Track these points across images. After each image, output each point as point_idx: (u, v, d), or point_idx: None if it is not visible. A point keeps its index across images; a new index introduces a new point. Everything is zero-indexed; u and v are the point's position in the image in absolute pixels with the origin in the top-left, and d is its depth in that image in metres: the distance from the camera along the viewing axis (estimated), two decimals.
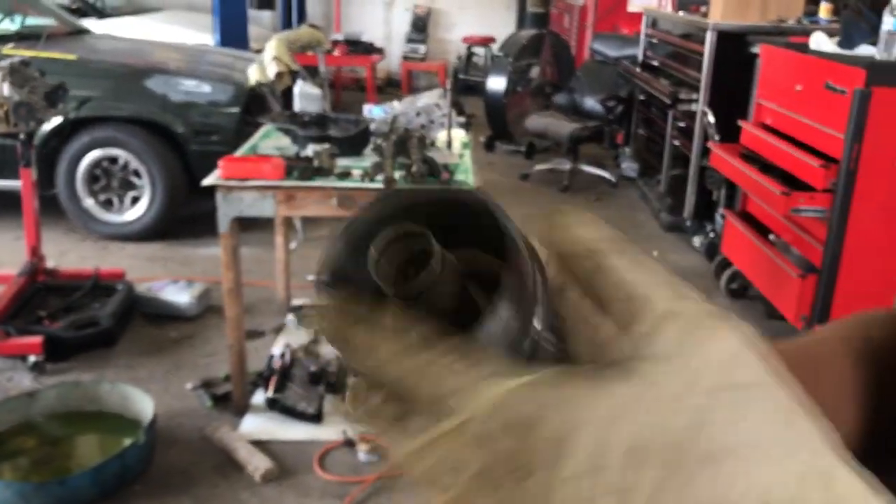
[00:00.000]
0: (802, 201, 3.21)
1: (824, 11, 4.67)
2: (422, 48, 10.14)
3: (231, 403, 2.96)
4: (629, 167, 6.31)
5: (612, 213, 5.57)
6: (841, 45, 3.47)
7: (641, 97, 6.07)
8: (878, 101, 3.00)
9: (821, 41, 3.55)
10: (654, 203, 5.53)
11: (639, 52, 6.19)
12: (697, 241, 4.72)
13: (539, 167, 6.39)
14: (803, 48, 3.60)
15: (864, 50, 3.32)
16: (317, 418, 2.89)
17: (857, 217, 3.11)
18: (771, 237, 3.71)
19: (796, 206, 3.21)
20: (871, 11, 3.50)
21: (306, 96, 3.63)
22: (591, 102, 6.44)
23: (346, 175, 2.79)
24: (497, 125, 7.07)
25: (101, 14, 7.20)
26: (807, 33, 3.78)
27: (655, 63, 5.85)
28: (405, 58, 10.11)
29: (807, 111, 3.39)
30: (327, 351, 3.29)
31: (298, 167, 2.78)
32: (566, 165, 6.18)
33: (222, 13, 6.49)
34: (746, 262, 3.86)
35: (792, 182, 3.30)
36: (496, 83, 6.89)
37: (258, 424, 2.89)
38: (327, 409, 2.94)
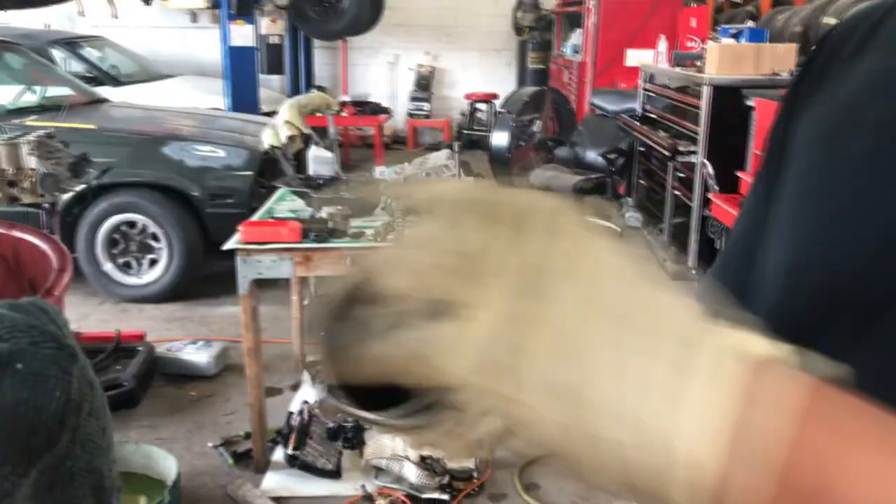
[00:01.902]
0: None
1: None
2: (426, 106, 10.37)
3: (252, 461, 3.03)
4: (632, 217, 6.43)
5: None
6: None
7: (641, 149, 6.22)
8: None
9: None
10: (658, 252, 5.63)
11: (637, 106, 6.36)
12: None
13: None
14: None
15: None
16: (336, 474, 2.95)
17: None
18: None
19: None
20: None
21: (319, 159, 3.77)
22: (592, 155, 6.59)
23: (359, 235, 2.90)
24: (502, 179, 7.22)
25: (116, 82, 7.42)
26: None
27: (654, 116, 6.01)
28: (410, 115, 10.33)
29: None
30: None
31: (314, 229, 2.89)
32: None
33: (233, 78, 6.71)
34: None
35: None
36: (500, 139, 7.06)
37: (279, 481, 2.95)
38: (345, 464, 3.00)
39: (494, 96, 9.95)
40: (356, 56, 10.53)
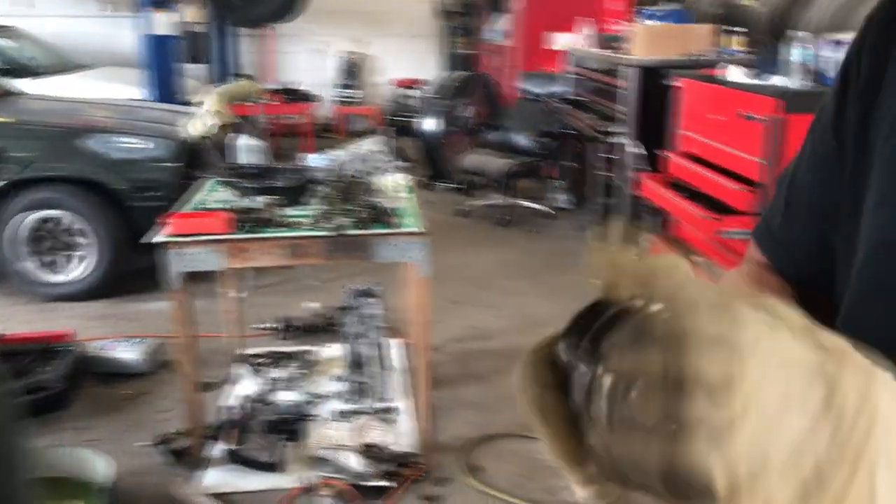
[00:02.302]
0: (729, 224, 3.39)
1: (736, 43, 4.95)
2: (355, 93, 10.29)
3: (190, 458, 2.97)
4: (563, 199, 6.51)
5: (550, 244, 5.74)
6: (754, 75, 3.70)
7: (570, 132, 6.29)
8: (793, 127, 3.21)
9: (734, 73, 3.78)
10: (588, 232, 5.72)
11: (565, 89, 6.42)
12: None
13: (478, 203, 6.55)
14: (719, 80, 3.82)
15: (775, 80, 3.55)
16: (278, 467, 2.92)
17: None
18: (697, 259, 3.90)
19: (723, 228, 3.40)
20: (777, 44, 3.74)
21: (248, 148, 3.70)
22: (523, 139, 6.64)
23: (293, 225, 2.86)
24: (434, 165, 7.22)
25: (32, 73, 7.15)
26: (721, 65, 4.01)
27: (582, 99, 6.08)
28: (339, 102, 10.23)
29: (727, 139, 3.60)
30: (282, 399, 3.33)
31: (248, 219, 2.84)
32: (504, 201, 6.35)
33: (154, 68, 6.52)
34: None
35: (718, 208, 3.50)
36: (431, 124, 7.05)
37: (218, 477, 2.90)
38: (288, 457, 2.97)
39: (423, 82, 9.93)
40: (283, 44, 10.37)
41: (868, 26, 0.62)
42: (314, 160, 3.57)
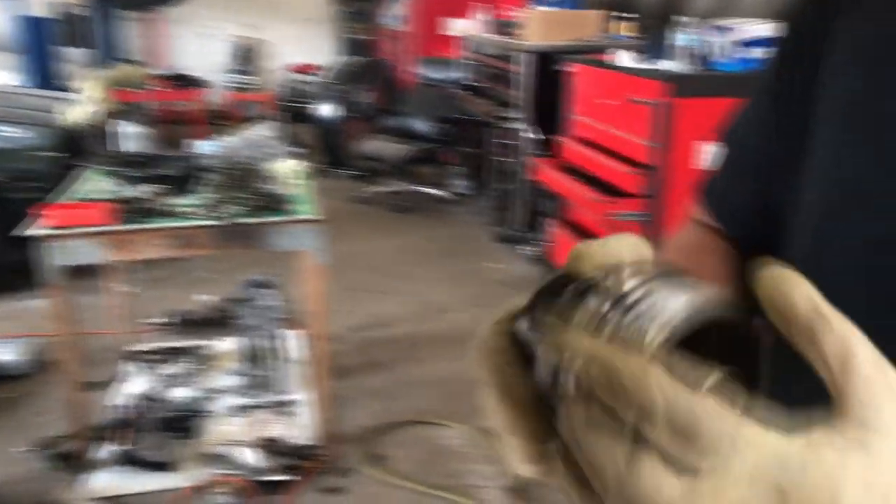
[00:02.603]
0: (621, 207, 3.46)
1: (626, 29, 5.04)
2: (248, 78, 10.02)
3: (75, 461, 2.82)
4: (462, 184, 6.52)
5: (450, 230, 5.74)
6: (642, 60, 3.78)
7: (468, 117, 6.30)
8: (677, 111, 3.30)
9: (624, 57, 3.85)
10: (487, 217, 5.75)
11: (463, 75, 6.42)
12: (528, 250, 4.96)
13: (377, 190, 6.49)
14: (609, 65, 3.89)
15: (663, 64, 3.63)
16: (169, 466, 2.81)
17: (668, 216, 3.40)
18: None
19: (612, 210, 3.46)
20: (665, 29, 3.84)
21: (131, 135, 3.54)
22: (420, 125, 6.61)
23: (180, 214, 2.74)
24: (331, 151, 7.11)
25: None
26: (611, 50, 4.08)
27: (478, 84, 6.09)
28: (231, 88, 9.95)
29: (617, 123, 3.66)
30: (173, 396, 3.21)
31: (131, 209, 2.71)
32: (402, 187, 6.31)
33: (29, 52, 6.16)
34: None
35: (610, 192, 3.56)
36: (328, 110, 6.94)
37: (107, 480, 2.77)
38: (181, 455, 2.87)
39: (319, 67, 9.76)
40: (173, 28, 9.99)
41: None
42: (204, 147, 3.44)
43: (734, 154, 0.71)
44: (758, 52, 3.44)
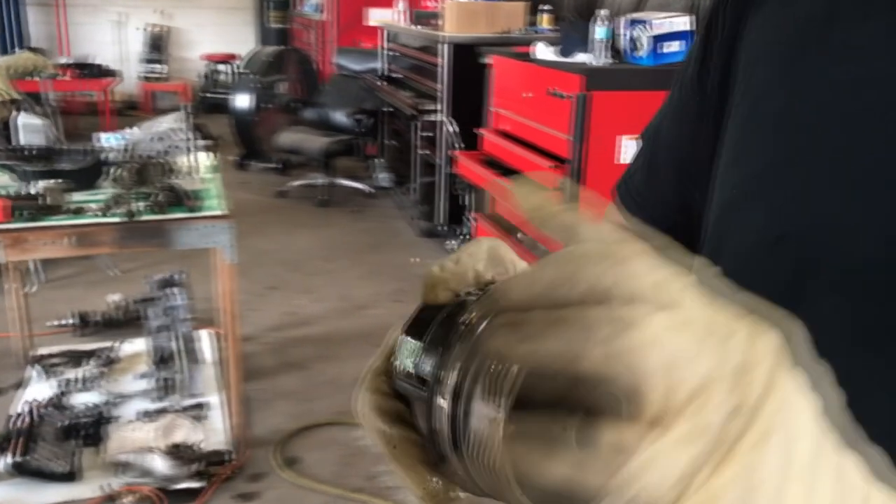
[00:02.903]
0: None
1: (545, 21, 5.05)
2: (161, 68, 9.70)
3: None
4: (383, 177, 6.44)
5: (371, 224, 5.66)
6: (560, 53, 3.77)
7: (388, 109, 6.22)
8: (595, 104, 3.30)
9: (543, 50, 3.84)
10: (409, 211, 5.69)
11: (383, 66, 6.34)
12: (452, 244, 4.92)
13: (295, 183, 6.35)
14: (527, 58, 3.87)
15: (580, 57, 3.63)
16: (72, 476, 2.67)
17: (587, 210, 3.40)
18: (519, 236, 3.95)
19: None
20: (582, 22, 3.84)
21: (29, 127, 3.34)
22: (340, 116, 6.50)
23: (81, 211, 2.60)
24: (248, 143, 6.93)
25: None
26: (530, 43, 4.06)
27: (398, 75, 6.02)
28: (144, 78, 9.62)
29: (536, 116, 3.65)
30: (78, 401, 3.06)
31: (25, 206, 2.55)
32: (322, 180, 6.19)
33: None
34: None
35: None
36: (243, 101, 6.76)
37: (4, 493, 2.61)
38: (84, 464, 2.73)
39: (235, 57, 9.53)
40: (77, 14, 9.59)
41: None
42: (108, 140, 3.28)
43: (654, 151, 0.70)
44: (674, 46, 3.47)
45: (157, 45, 9.76)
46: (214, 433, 2.92)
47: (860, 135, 0.46)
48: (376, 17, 7.04)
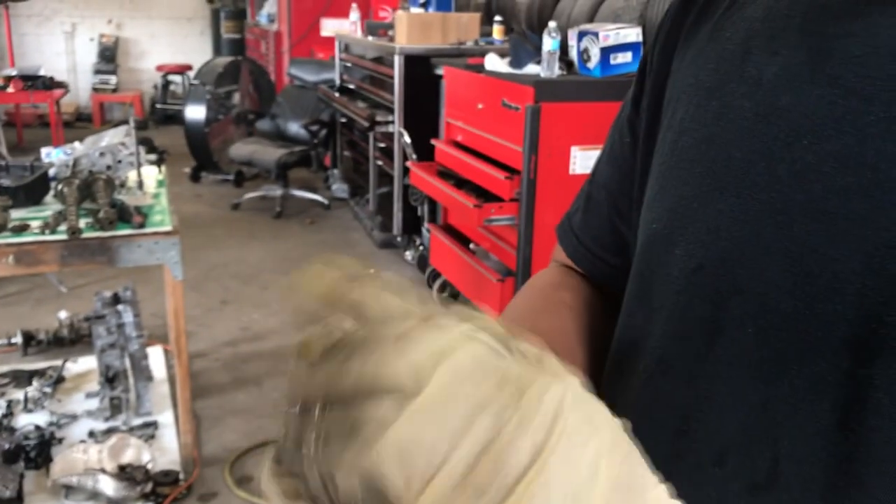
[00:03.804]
0: (493, 212, 3.45)
1: (497, 33, 5.07)
2: (112, 79, 9.55)
3: None
4: (339, 188, 6.41)
5: (328, 235, 5.63)
6: (511, 64, 3.78)
7: (343, 120, 6.19)
8: (546, 115, 3.31)
9: (495, 62, 3.85)
10: (365, 222, 5.67)
11: (336, 77, 6.31)
12: (409, 255, 4.91)
13: (249, 195, 6.29)
14: (478, 69, 3.88)
15: (531, 69, 3.65)
16: (17, 501, 2.59)
17: (540, 221, 3.42)
18: (471, 246, 3.96)
19: (488, 216, 3.45)
20: (534, 34, 3.86)
21: None
22: (294, 127, 6.45)
23: (23, 228, 2.54)
24: (201, 155, 6.85)
25: None
26: (483, 54, 4.08)
27: (353, 86, 6.00)
28: (95, 90, 9.46)
29: (489, 127, 3.66)
30: (22, 423, 2.98)
31: None
32: (277, 192, 6.14)
33: None
34: (453, 271, 4.08)
35: (484, 194, 3.55)
36: (195, 112, 6.67)
37: None
38: (29, 487, 2.66)
39: (188, 67, 9.41)
40: (24, 25, 9.39)
41: (665, 14, 0.63)
42: (51, 154, 3.21)
43: (593, 189, 0.71)
44: (624, 58, 3.51)
45: (109, 56, 9.60)
46: (165, 452, 2.86)
47: (762, 169, 0.47)
48: (330, 27, 7.01)
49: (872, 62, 0.43)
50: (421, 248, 4.73)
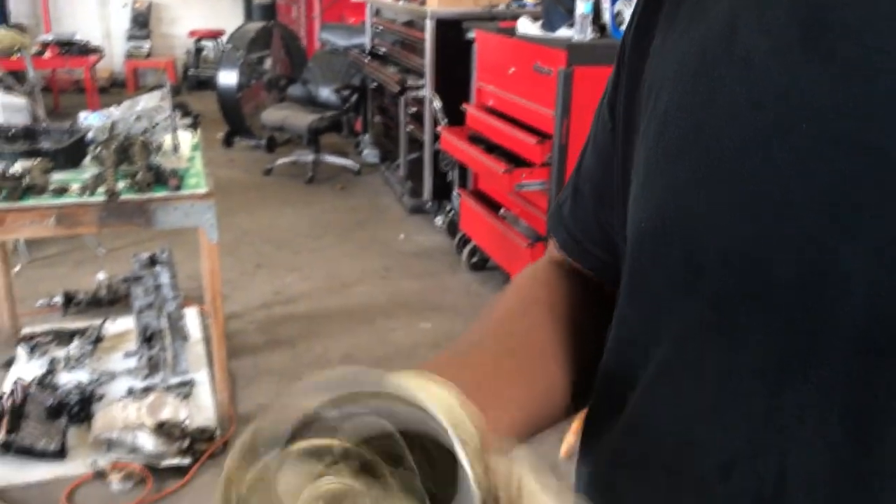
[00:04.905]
0: (524, 177, 3.45)
1: None
2: (145, 45, 9.61)
3: None
4: (370, 154, 6.43)
5: (358, 201, 5.66)
6: (544, 28, 3.76)
7: (374, 85, 6.19)
8: (579, 79, 3.29)
9: (527, 25, 3.82)
10: (396, 187, 5.69)
11: (367, 41, 6.30)
12: (439, 220, 4.93)
13: (281, 161, 6.33)
14: (511, 33, 3.86)
15: (564, 32, 3.62)
16: (61, 454, 2.68)
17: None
18: (501, 211, 3.97)
19: (519, 181, 3.45)
20: None
21: (9, 107, 3.33)
22: (326, 92, 6.47)
23: (62, 191, 2.59)
24: (233, 121, 6.90)
25: None
26: (516, 18, 4.05)
27: (383, 51, 5.99)
28: (129, 56, 9.53)
29: (521, 91, 3.65)
30: (65, 380, 3.07)
31: (6, 186, 2.54)
32: (308, 157, 6.18)
33: None
34: (482, 237, 4.10)
35: (514, 159, 3.55)
36: (228, 77, 6.71)
37: None
38: (72, 442, 2.75)
39: (220, 33, 9.44)
40: None
41: None
42: (89, 118, 3.27)
43: (579, 179, 0.67)
44: None
45: (142, 22, 9.66)
46: (201, 410, 2.94)
47: (759, 158, 0.43)
48: None
49: (871, 33, 0.39)
50: (451, 213, 4.74)
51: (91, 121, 3.20)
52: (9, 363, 3.25)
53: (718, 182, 0.45)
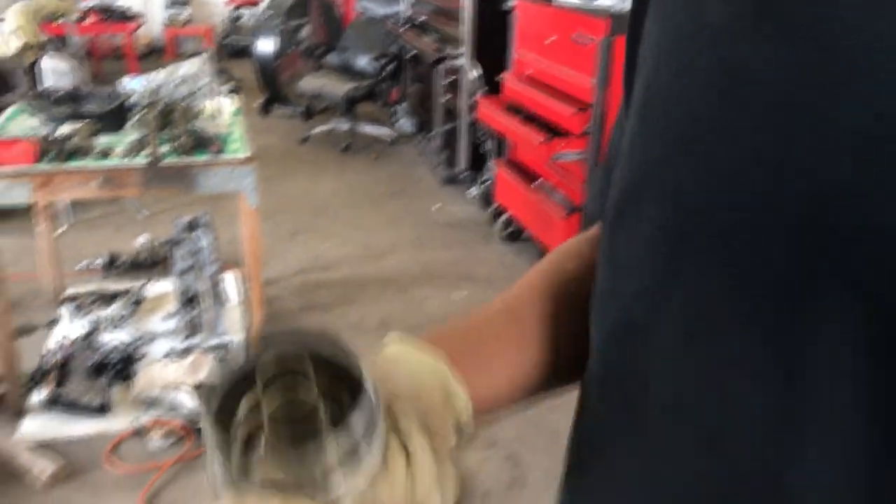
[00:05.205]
0: (562, 147, 3.44)
1: None
2: (184, 12, 9.67)
3: (7, 407, 2.76)
4: (406, 123, 6.43)
5: (393, 170, 5.68)
6: None
7: (410, 54, 6.18)
8: (619, 49, 3.27)
9: None
10: (430, 158, 5.70)
11: (404, 10, 6.28)
12: (473, 191, 4.93)
13: (318, 129, 6.36)
14: (551, 2, 3.83)
15: (605, 1, 3.59)
16: (104, 410, 2.76)
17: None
18: (537, 182, 3.96)
19: (556, 152, 3.44)
20: None
21: (56, 71, 3.39)
22: (363, 61, 6.47)
23: (106, 154, 2.65)
24: (271, 88, 6.93)
25: None
26: None
27: (421, 20, 5.97)
28: (167, 23, 9.60)
29: (560, 61, 3.63)
30: (108, 339, 3.15)
31: (53, 149, 2.60)
32: (344, 126, 6.20)
33: None
34: (518, 208, 4.10)
35: (552, 129, 3.54)
36: (266, 45, 6.74)
37: (39, 425, 2.71)
38: (115, 399, 2.82)
39: (259, 1, 9.45)
40: None
41: None
42: (132, 84, 3.31)
43: (610, 155, 0.66)
44: None
45: None
46: None
47: (739, 120, 0.42)
48: None
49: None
50: (485, 184, 4.74)
51: (133, 86, 3.25)
52: (53, 323, 3.33)
53: (702, 144, 0.44)
